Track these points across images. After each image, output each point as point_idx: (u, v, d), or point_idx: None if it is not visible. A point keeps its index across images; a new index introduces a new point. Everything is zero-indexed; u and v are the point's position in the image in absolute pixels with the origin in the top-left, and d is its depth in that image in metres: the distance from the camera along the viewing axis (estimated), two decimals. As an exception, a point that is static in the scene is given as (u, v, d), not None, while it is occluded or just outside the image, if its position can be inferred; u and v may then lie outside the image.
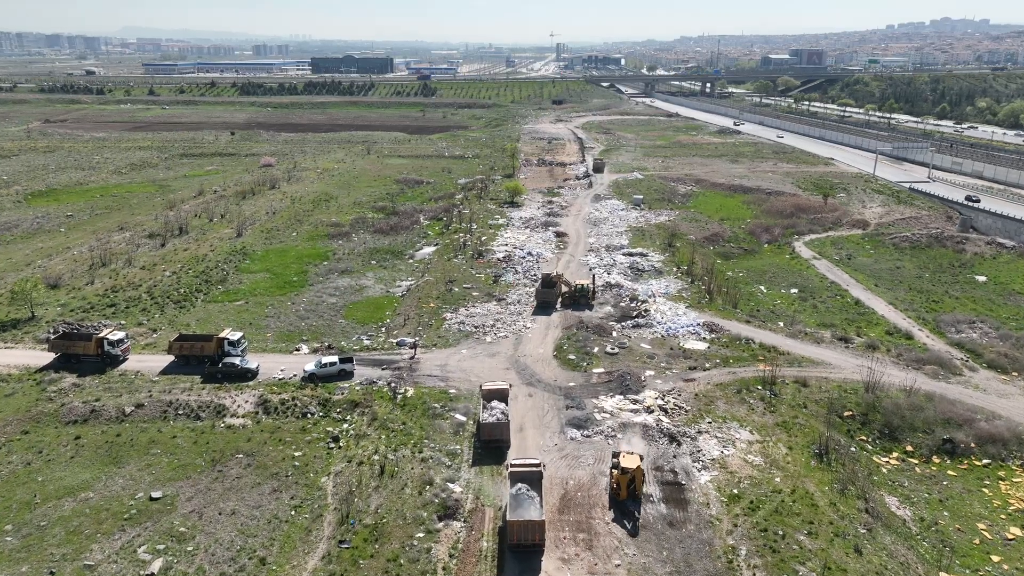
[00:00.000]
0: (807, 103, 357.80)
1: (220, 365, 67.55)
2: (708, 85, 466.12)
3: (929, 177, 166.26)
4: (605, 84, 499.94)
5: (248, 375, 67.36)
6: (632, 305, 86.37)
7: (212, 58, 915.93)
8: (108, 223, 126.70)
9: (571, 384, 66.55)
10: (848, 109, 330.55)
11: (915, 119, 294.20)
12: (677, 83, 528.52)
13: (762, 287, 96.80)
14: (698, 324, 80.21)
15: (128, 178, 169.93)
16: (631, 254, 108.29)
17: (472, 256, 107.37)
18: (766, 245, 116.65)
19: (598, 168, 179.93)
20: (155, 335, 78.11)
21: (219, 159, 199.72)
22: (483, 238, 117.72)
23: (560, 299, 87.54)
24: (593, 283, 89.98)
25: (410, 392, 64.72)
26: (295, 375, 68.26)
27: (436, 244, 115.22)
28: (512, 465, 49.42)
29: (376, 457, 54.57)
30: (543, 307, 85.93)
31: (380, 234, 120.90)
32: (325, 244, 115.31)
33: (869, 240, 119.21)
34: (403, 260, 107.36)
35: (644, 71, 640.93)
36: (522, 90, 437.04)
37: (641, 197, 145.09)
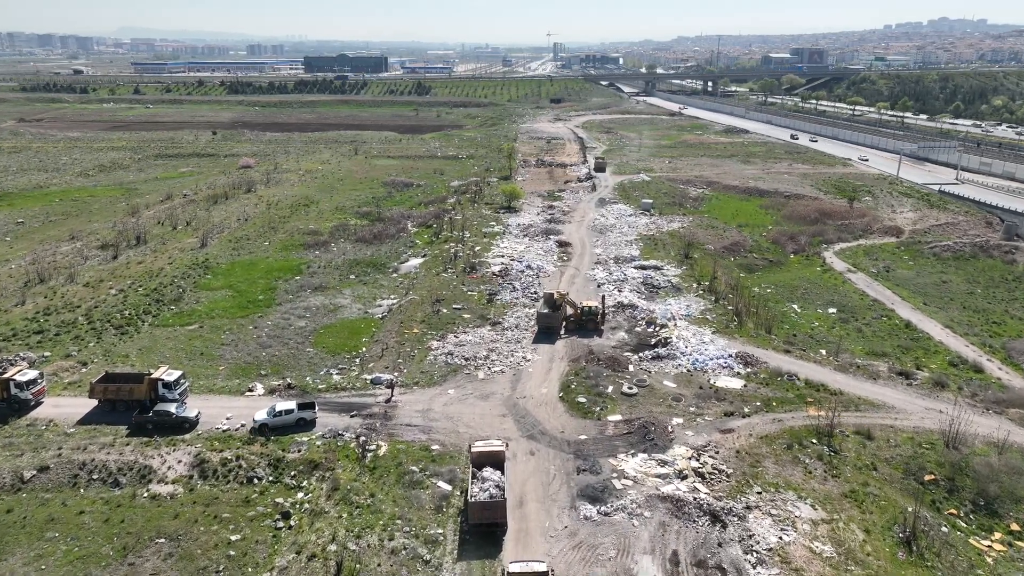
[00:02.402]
0: (814, 102, 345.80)
1: (151, 413, 55.05)
2: (710, 83, 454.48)
3: (957, 179, 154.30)
4: (604, 83, 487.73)
5: (185, 425, 54.91)
6: (649, 331, 73.84)
7: (205, 58, 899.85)
8: (60, 231, 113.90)
9: (582, 437, 54.02)
10: (858, 108, 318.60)
11: (928, 118, 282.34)
12: (678, 82, 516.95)
13: (795, 306, 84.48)
14: (729, 355, 67.69)
15: (94, 181, 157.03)
16: (644, 267, 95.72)
17: (464, 270, 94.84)
18: (792, 255, 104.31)
19: (599, 167, 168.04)
20: (84, 369, 65.55)
21: (196, 160, 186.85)
22: (477, 248, 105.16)
23: (564, 323, 75.09)
24: (603, 304, 77.44)
25: (383, 449, 52.26)
26: (243, 424, 55.80)
27: (424, 255, 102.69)
28: (511, 574, 36.91)
29: (333, 547, 42.08)
30: (545, 333, 73.35)
31: (362, 243, 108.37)
32: (300, 255, 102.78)
33: (906, 249, 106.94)
34: (386, 274, 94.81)
35: (643, 70, 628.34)
36: (519, 89, 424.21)
37: (650, 201, 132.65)
